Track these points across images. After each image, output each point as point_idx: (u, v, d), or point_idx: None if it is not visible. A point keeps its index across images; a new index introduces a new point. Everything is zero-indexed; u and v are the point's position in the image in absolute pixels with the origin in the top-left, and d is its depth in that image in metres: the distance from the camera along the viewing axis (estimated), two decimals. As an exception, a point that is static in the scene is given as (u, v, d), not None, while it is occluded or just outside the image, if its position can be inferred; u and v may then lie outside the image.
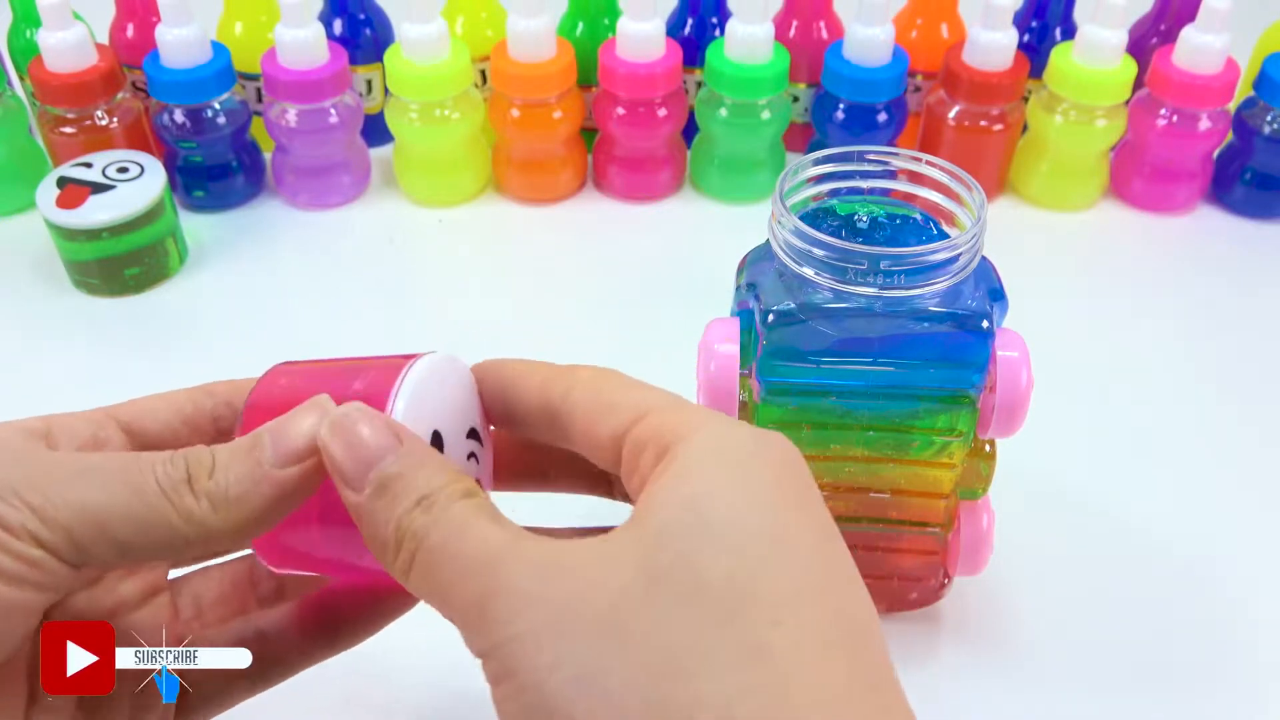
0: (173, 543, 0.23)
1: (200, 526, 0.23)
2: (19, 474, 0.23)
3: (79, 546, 0.23)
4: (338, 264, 0.63)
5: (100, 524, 0.23)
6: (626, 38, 0.62)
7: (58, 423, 0.26)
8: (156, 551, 0.24)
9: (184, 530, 0.23)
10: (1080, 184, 0.67)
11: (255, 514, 0.24)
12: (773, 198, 0.34)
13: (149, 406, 0.28)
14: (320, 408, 0.24)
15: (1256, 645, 0.43)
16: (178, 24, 0.60)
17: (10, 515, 0.22)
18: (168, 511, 0.23)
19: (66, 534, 0.22)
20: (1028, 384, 0.34)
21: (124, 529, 0.23)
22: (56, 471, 0.23)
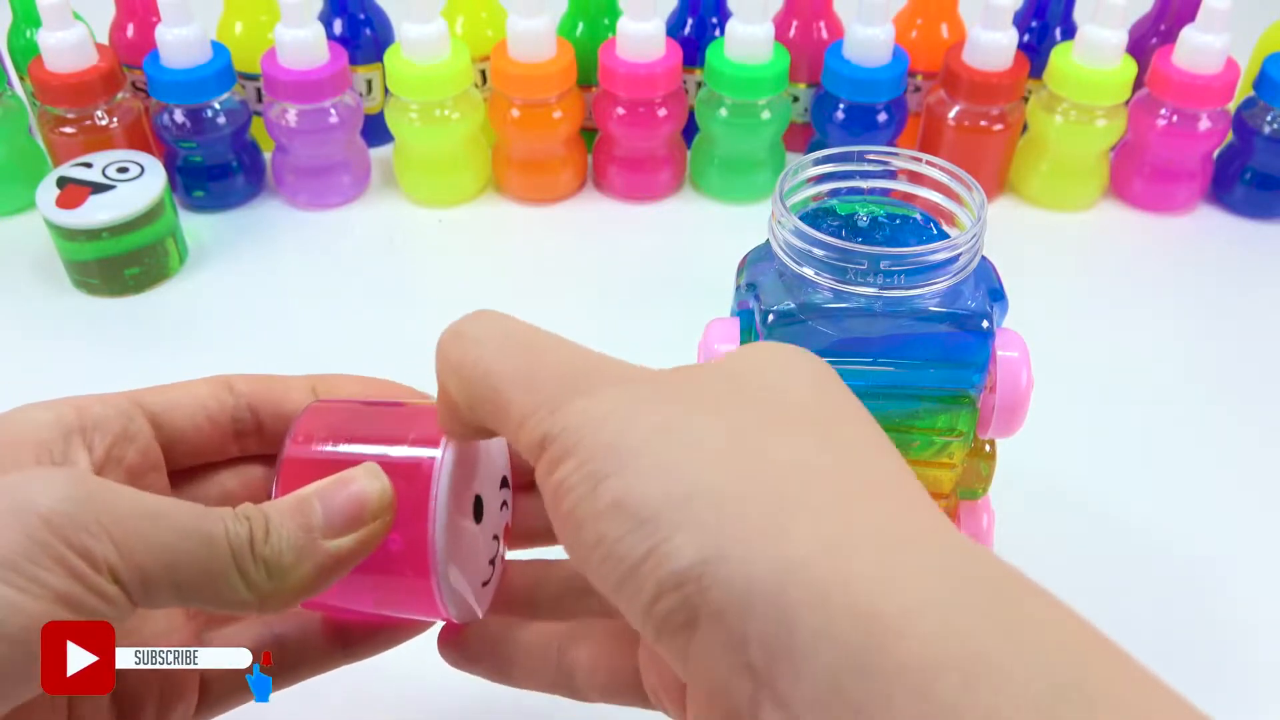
0: (230, 600, 0.24)
1: (256, 590, 0.24)
2: (105, 508, 0.22)
3: (147, 587, 0.23)
4: (338, 264, 0.63)
5: (171, 568, 0.23)
6: (626, 38, 0.62)
7: (87, 414, 0.26)
8: (213, 605, 0.24)
9: (242, 592, 0.23)
10: (1080, 184, 0.67)
11: (306, 582, 0.24)
12: (773, 198, 0.34)
13: (173, 398, 0.28)
14: (374, 476, 0.25)
15: (1256, 645, 0.43)
16: (178, 24, 0.60)
17: (95, 548, 0.22)
18: (232, 570, 0.23)
19: (140, 573, 0.22)
20: (1028, 384, 0.34)
21: (191, 579, 0.23)
22: (135, 509, 0.23)
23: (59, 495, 0.22)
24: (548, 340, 0.24)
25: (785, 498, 0.19)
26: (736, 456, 0.20)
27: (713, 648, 0.19)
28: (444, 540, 0.25)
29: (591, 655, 0.27)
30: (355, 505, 0.24)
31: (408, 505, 0.25)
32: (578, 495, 0.21)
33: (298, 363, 0.31)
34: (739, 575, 0.18)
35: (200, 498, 0.30)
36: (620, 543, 0.20)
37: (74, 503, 0.22)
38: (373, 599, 0.27)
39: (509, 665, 0.28)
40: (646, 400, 0.21)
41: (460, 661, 0.29)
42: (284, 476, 0.27)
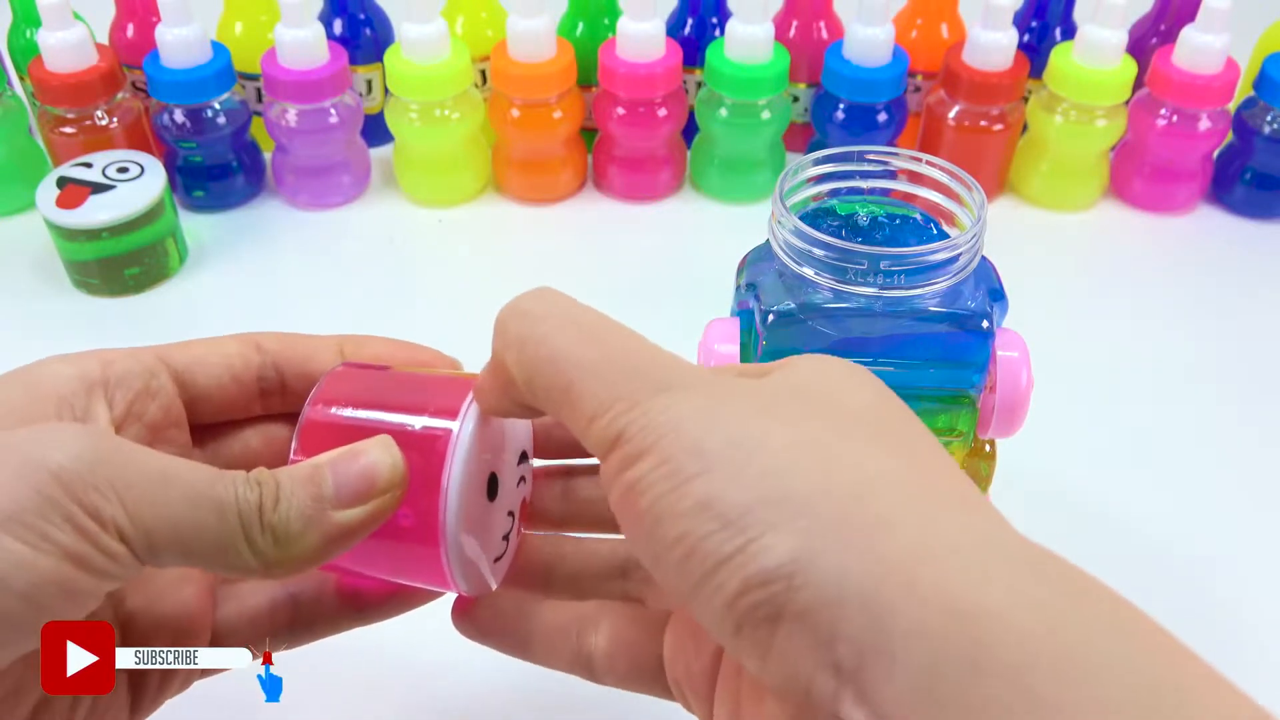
0: (236, 565, 0.24)
1: (262, 557, 0.24)
2: (116, 469, 0.23)
3: (153, 549, 0.23)
4: (338, 264, 0.63)
5: (178, 532, 0.23)
6: (626, 38, 0.62)
7: (113, 368, 0.27)
8: (219, 569, 0.24)
9: (248, 558, 0.24)
10: (1080, 184, 0.67)
11: (312, 552, 0.24)
12: (773, 198, 0.34)
13: (199, 355, 0.29)
14: (386, 450, 0.25)
15: (1256, 645, 0.42)
16: (178, 24, 0.60)
17: (104, 508, 0.22)
18: (239, 537, 0.23)
19: (147, 535, 0.23)
20: (1028, 384, 0.34)
21: (198, 543, 0.23)
22: (146, 470, 0.23)
23: (72, 453, 0.22)
24: (614, 329, 0.23)
25: (871, 502, 0.20)
26: (820, 463, 0.20)
27: (797, 645, 0.19)
28: (456, 516, 0.25)
29: (612, 641, 0.27)
30: (366, 478, 0.24)
31: (421, 479, 0.26)
32: (657, 492, 0.21)
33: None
34: (833, 575, 0.19)
35: (223, 454, 0.30)
36: (707, 540, 0.20)
37: (86, 461, 0.22)
38: (384, 567, 0.28)
39: (526, 642, 0.28)
40: (725, 404, 0.22)
41: (475, 635, 0.29)
42: (303, 439, 0.27)
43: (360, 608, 0.30)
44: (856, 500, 0.20)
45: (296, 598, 0.30)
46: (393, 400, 0.27)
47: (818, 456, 0.21)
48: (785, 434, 0.21)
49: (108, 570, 0.22)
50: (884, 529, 0.19)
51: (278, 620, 0.30)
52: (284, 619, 0.30)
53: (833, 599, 0.19)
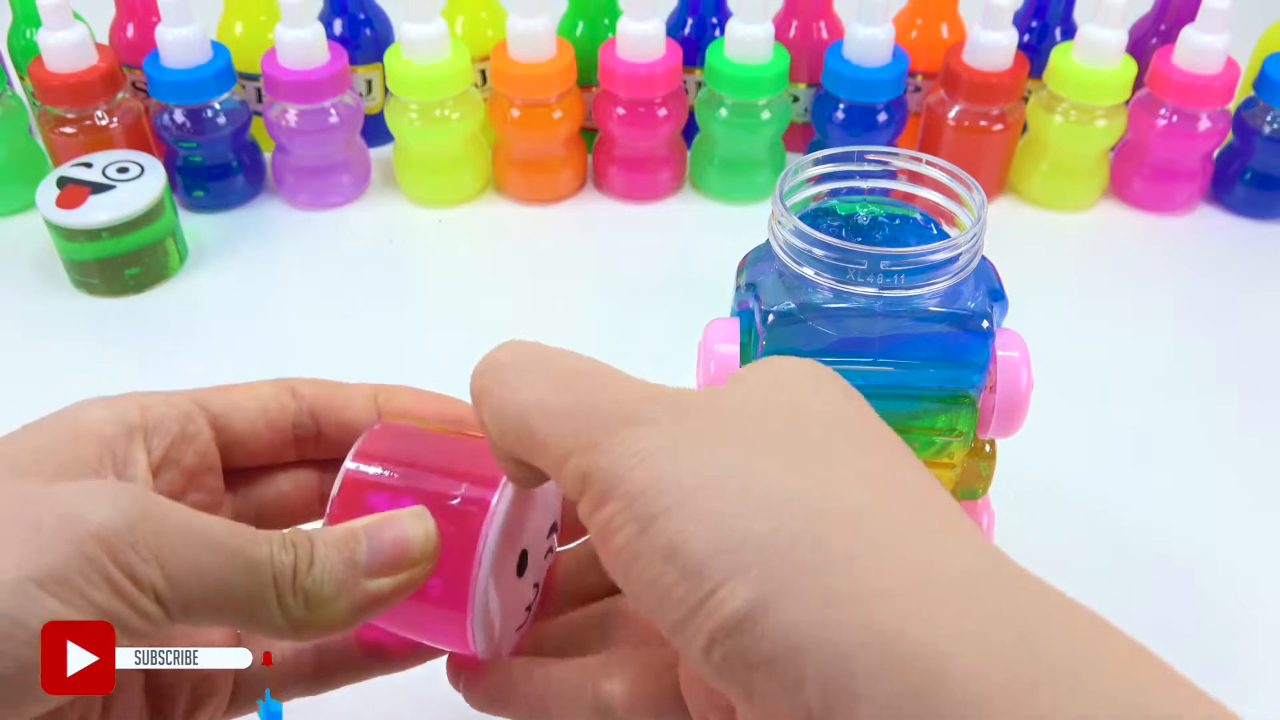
0: (265, 626, 0.24)
1: (291, 619, 0.24)
2: (153, 527, 0.23)
3: (188, 609, 0.23)
4: (338, 264, 0.63)
5: (212, 594, 0.23)
6: (626, 38, 0.62)
7: (150, 413, 0.27)
8: (248, 628, 0.24)
9: (278, 620, 0.24)
10: (1080, 184, 0.67)
11: (342, 618, 0.24)
12: (773, 198, 0.34)
13: (237, 400, 0.29)
14: (421, 521, 0.25)
15: (1256, 645, 0.43)
16: (178, 24, 0.60)
17: (141, 569, 0.22)
18: (272, 599, 0.24)
19: (182, 596, 0.23)
20: (1028, 384, 0.34)
21: (231, 604, 0.23)
22: (186, 531, 0.23)
23: (112, 512, 0.22)
24: (584, 371, 0.24)
25: (827, 542, 0.20)
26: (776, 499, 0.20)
27: (772, 690, 0.19)
28: (485, 588, 0.26)
29: (629, 688, 0.27)
30: (400, 548, 0.25)
31: (454, 548, 0.26)
32: (626, 536, 0.21)
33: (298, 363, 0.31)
34: (789, 623, 0.19)
35: (254, 499, 0.30)
36: (675, 589, 0.20)
37: (126, 521, 0.22)
38: (408, 627, 0.28)
39: (543, 705, 0.28)
40: (685, 435, 0.22)
41: (487, 705, 0.29)
42: (340, 499, 0.27)
43: (382, 659, 0.30)
44: (812, 542, 0.20)
45: (320, 649, 0.30)
46: (431, 464, 0.27)
47: (773, 490, 0.20)
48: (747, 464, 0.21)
49: (141, 630, 0.22)
50: (839, 570, 0.19)
51: (302, 670, 0.30)
52: (308, 669, 0.30)
53: (793, 646, 0.19)
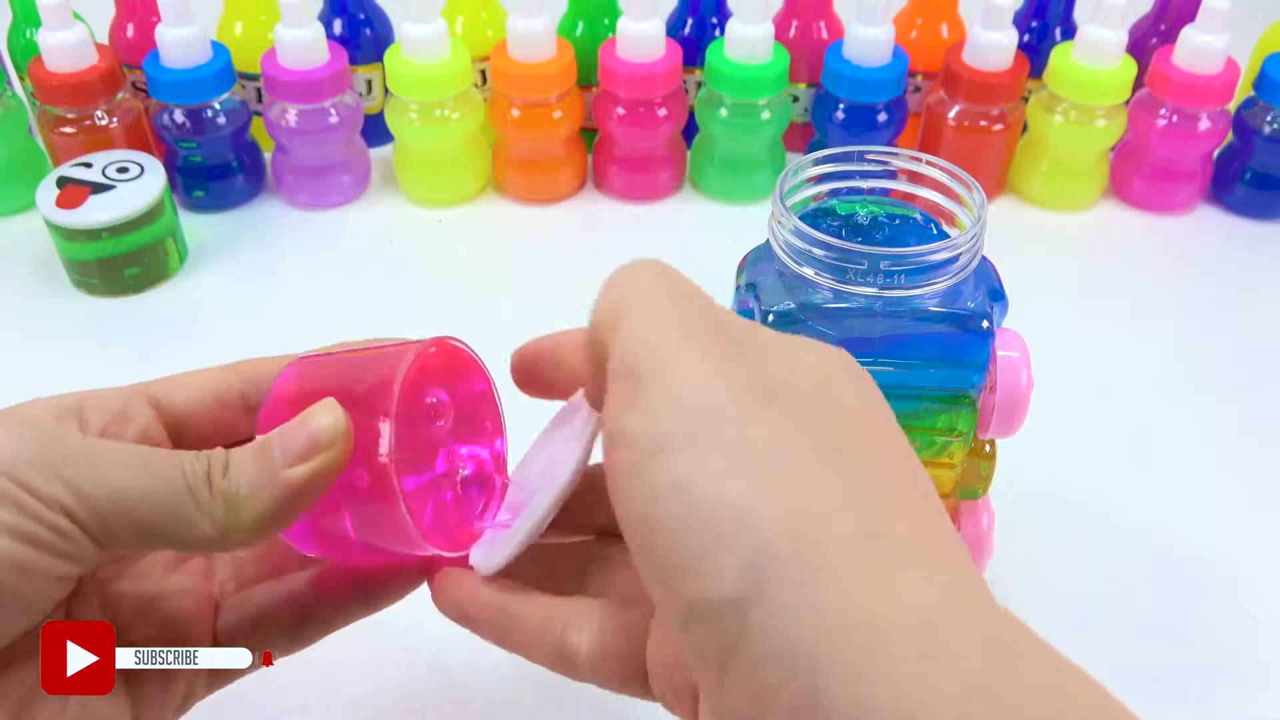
0: (191, 537, 0.24)
1: (215, 522, 0.24)
2: (56, 452, 0.24)
3: (106, 526, 0.24)
4: (338, 264, 0.63)
5: (128, 507, 0.24)
6: (626, 38, 0.62)
7: (90, 398, 0.27)
8: (176, 542, 0.24)
9: (202, 526, 0.24)
10: (1080, 184, 0.67)
11: (266, 513, 0.25)
12: (773, 198, 0.34)
13: (178, 383, 0.29)
14: (329, 409, 0.26)
15: (1256, 645, 0.43)
16: (178, 24, 0.60)
17: (45, 488, 0.23)
18: (190, 505, 0.24)
19: (96, 513, 0.23)
20: (1028, 384, 0.34)
21: (150, 515, 0.24)
22: (92, 453, 0.24)
23: (14, 445, 0.24)
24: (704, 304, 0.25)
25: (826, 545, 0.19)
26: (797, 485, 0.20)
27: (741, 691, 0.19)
28: (393, 455, 0.26)
29: (596, 645, 0.27)
30: (310, 437, 0.25)
31: (368, 436, 0.26)
32: (638, 452, 0.20)
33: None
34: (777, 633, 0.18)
35: None
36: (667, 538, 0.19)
37: (25, 448, 0.23)
38: (360, 536, 0.28)
39: (507, 632, 0.28)
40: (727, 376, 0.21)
41: (454, 616, 0.29)
42: (261, 424, 0.27)
43: (361, 594, 0.30)
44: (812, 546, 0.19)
45: (296, 596, 0.30)
46: (340, 376, 0.28)
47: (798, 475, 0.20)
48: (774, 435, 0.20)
49: (57, 546, 0.23)
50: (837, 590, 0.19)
51: (282, 620, 0.30)
52: (288, 618, 0.30)
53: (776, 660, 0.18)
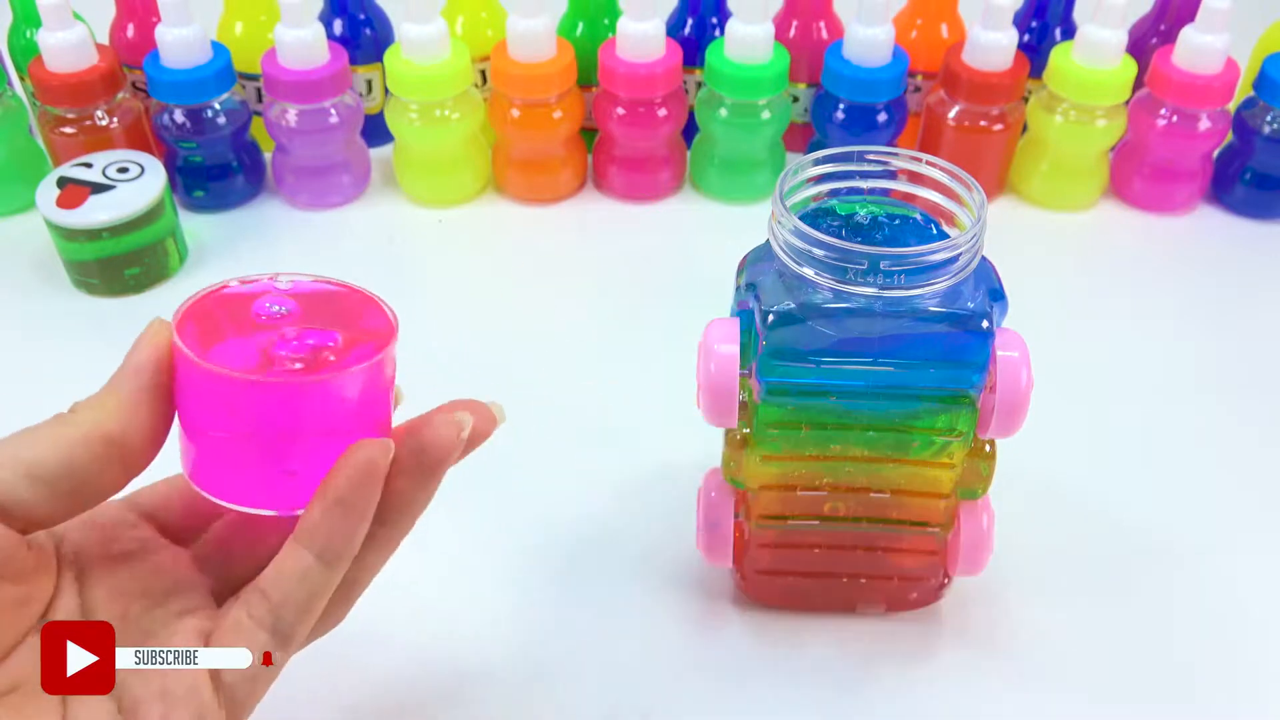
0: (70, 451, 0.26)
1: (84, 423, 0.27)
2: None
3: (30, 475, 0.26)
4: (338, 264, 0.63)
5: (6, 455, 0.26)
6: (626, 38, 0.62)
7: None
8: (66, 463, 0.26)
9: (72, 433, 0.27)
10: (1080, 184, 0.67)
11: (128, 396, 0.27)
12: (773, 198, 0.34)
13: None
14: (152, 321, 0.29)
15: (1256, 645, 0.43)
16: (178, 24, 0.60)
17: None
18: (56, 428, 0.27)
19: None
20: (1028, 384, 0.34)
21: (26, 452, 0.26)
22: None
23: None
24: None
25: None
26: None
27: None
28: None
29: None
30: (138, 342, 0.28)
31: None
32: None
33: (298, 363, 0.31)
34: None
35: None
36: None
37: None
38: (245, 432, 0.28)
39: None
40: None
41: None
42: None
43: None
44: None
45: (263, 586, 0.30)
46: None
47: None
48: None
49: None
50: None
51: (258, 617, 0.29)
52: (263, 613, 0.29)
53: None
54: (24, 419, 0.28)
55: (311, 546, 0.27)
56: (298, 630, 0.28)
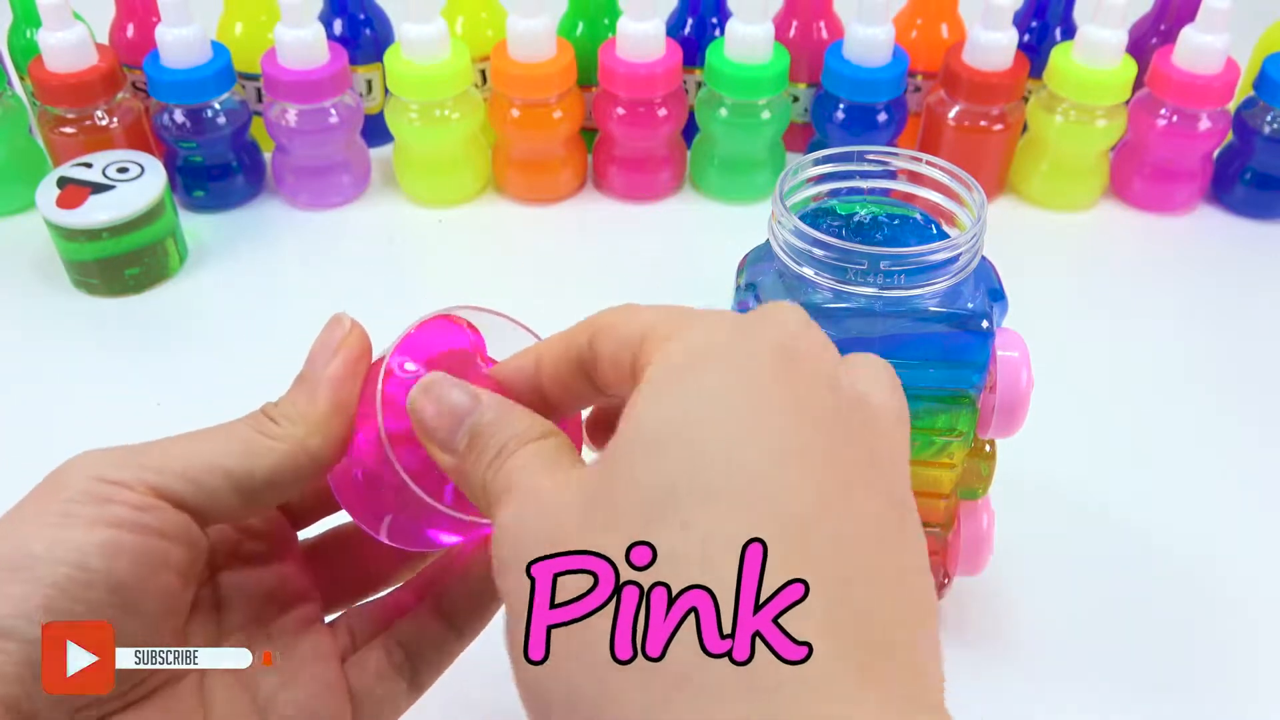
0: (276, 464, 0.26)
1: (289, 438, 0.26)
2: (130, 454, 0.26)
3: (199, 491, 0.25)
4: (338, 264, 0.63)
5: (210, 464, 0.26)
6: (626, 38, 0.62)
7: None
8: (267, 476, 0.26)
9: (279, 447, 0.26)
10: (1080, 184, 0.67)
11: (326, 409, 0.27)
12: (773, 198, 0.34)
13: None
14: (338, 322, 0.28)
15: (1256, 645, 0.43)
16: (178, 24, 0.60)
17: (124, 474, 0.25)
18: (259, 439, 0.26)
19: (181, 478, 0.25)
20: (1028, 384, 0.34)
21: (231, 462, 0.26)
22: (162, 444, 0.26)
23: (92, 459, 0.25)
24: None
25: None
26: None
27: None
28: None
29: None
30: (331, 342, 0.28)
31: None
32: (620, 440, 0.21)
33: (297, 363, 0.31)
34: None
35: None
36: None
37: (104, 459, 0.25)
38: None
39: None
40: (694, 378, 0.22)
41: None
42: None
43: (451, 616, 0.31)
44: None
45: (404, 640, 0.30)
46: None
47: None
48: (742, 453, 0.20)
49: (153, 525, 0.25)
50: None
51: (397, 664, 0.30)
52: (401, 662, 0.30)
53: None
54: (24, 418, 0.28)
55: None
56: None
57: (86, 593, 0.23)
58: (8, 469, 0.49)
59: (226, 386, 0.29)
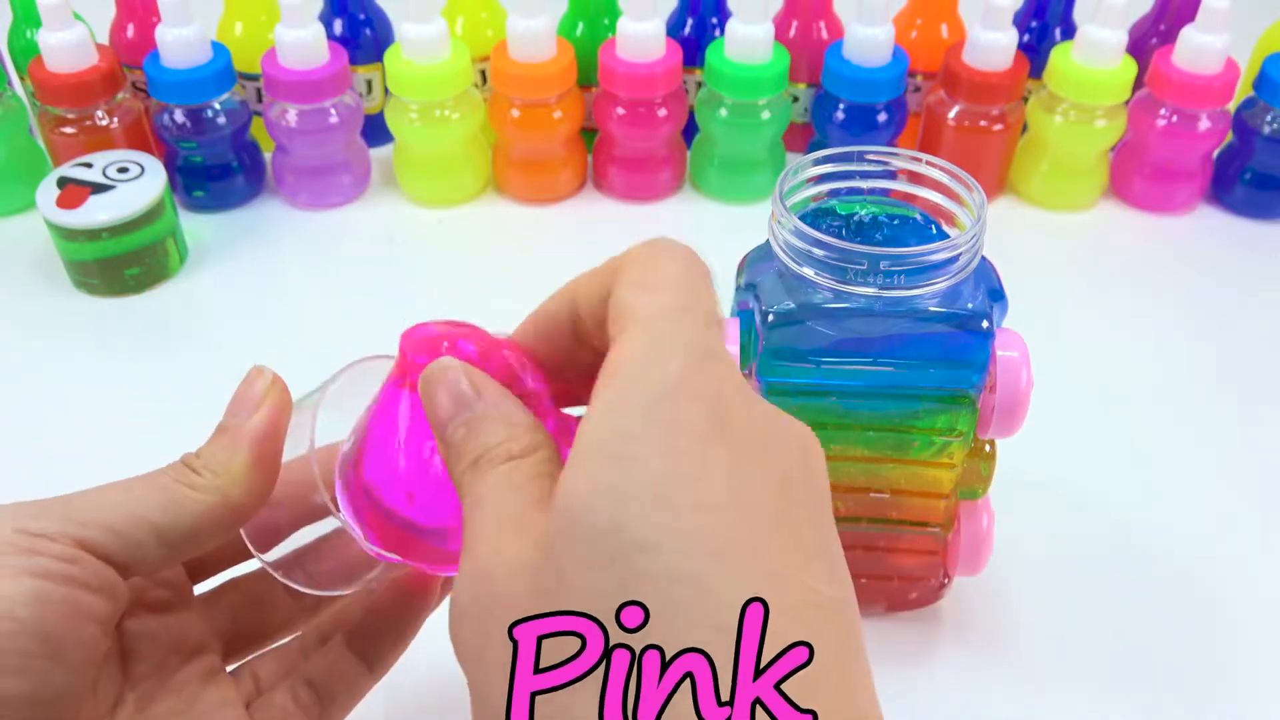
0: (199, 515, 0.26)
1: (212, 489, 0.26)
2: (52, 505, 0.25)
3: (123, 543, 0.25)
4: (338, 264, 0.63)
5: (135, 516, 0.25)
6: (626, 38, 0.62)
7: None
8: (190, 528, 0.26)
9: (203, 499, 0.26)
10: (1080, 184, 0.67)
11: (249, 462, 0.27)
12: (773, 198, 0.34)
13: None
14: (259, 373, 0.28)
15: (1255, 645, 0.43)
16: (178, 24, 0.60)
17: (48, 526, 0.25)
18: (183, 490, 0.26)
19: (106, 530, 0.25)
20: (1028, 384, 0.34)
21: (155, 515, 0.26)
22: (85, 495, 0.26)
23: (11, 512, 0.25)
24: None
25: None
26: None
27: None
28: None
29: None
30: (254, 395, 0.28)
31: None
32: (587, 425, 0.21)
33: (298, 363, 0.31)
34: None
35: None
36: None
37: (22, 512, 0.25)
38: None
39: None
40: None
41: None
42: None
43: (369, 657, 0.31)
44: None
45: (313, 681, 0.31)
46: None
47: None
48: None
49: (77, 577, 0.24)
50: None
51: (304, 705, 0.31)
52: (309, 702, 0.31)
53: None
54: (24, 418, 0.28)
55: None
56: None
57: (13, 642, 0.23)
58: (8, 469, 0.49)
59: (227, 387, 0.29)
